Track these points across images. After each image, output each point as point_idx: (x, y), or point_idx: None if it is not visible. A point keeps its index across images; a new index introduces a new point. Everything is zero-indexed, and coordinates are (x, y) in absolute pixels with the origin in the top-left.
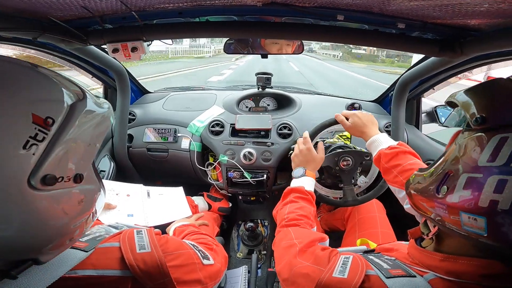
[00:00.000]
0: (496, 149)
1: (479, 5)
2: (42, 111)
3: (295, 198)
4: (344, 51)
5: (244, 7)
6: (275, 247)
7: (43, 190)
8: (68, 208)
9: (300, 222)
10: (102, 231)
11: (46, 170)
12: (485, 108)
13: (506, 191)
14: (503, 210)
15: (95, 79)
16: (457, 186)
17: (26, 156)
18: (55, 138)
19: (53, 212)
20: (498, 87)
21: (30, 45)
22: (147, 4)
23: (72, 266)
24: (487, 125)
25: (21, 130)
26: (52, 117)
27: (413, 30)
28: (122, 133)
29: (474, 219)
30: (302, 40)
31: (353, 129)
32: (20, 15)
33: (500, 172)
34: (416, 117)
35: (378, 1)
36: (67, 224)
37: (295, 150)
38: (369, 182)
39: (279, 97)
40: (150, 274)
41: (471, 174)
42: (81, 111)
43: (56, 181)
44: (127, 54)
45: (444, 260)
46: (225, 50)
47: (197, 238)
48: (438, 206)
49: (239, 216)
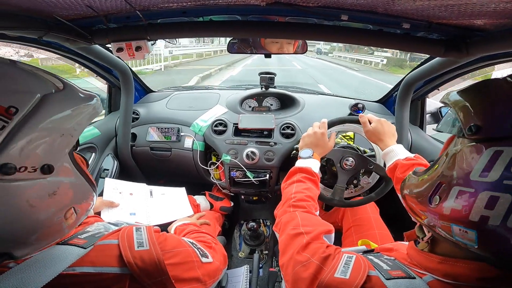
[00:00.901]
0: (489, 163)
1: (486, 5)
2: (6, 101)
3: (302, 178)
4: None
5: (248, 6)
6: (281, 230)
7: (1, 180)
8: (35, 201)
9: (308, 204)
10: (101, 228)
11: (5, 159)
12: (480, 116)
13: (498, 208)
14: (494, 225)
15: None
16: (448, 198)
17: None
18: (17, 127)
19: (16, 204)
20: (495, 90)
21: (35, 44)
22: (152, 3)
23: (70, 263)
24: (481, 136)
25: None
26: (15, 106)
27: (418, 30)
28: (126, 132)
29: (465, 232)
30: (306, 40)
31: (372, 134)
32: (25, 14)
33: (492, 189)
34: (420, 118)
35: (382, 1)
36: (38, 218)
37: (308, 130)
38: (372, 183)
39: (283, 97)
40: (148, 272)
41: (463, 187)
42: (55, 102)
43: (16, 170)
44: (131, 53)
45: (442, 263)
46: (228, 49)
47: (196, 236)
48: (430, 214)
49: (241, 215)
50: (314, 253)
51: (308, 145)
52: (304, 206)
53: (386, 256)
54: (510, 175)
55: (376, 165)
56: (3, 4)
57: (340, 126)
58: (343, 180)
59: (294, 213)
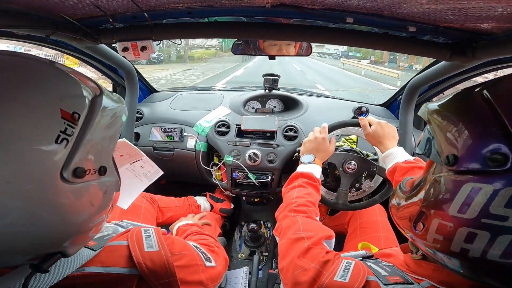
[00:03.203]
0: (467, 199)
1: (493, 9)
2: (69, 106)
3: (304, 183)
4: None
5: (253, 8)
6: (281, 235)
7: (74, 183)
8: (95, 200)
9: (309, 210)
10: (110, 230)
11: (76, 163)
12: (457, 146)
13: (476, 242)
14: (475, 257)
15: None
16: (430, 228)
17: (58, 150)
18: (81, 132)
19: (82, 204)
20: (473, 110)
21: (43, 43)
22: (158, 4)
23: (81, 264)
24: (459, 168)
25: (53, 125)
26: (78, 112)
27: (424, 34)
28: (129, 131)
29: (449, 258)
30: (310, 42)
31: (372, 137)
32: (34, 12)
33: (471, 225)
34: (424, 122)
35: (388, 4)
36: (93, 216)
37: (309, 136)
38: (374, 187)
39: (286, 99)
40: (157, 273)
41: (442, 221)
42: (100, 106)
43: (85, 173)
44: (137, 53)
45: (436, 270)
46: (233, 51)
47: (199, 238)
48: (416, 238)
49: (242, 217)
50: (314, 258)
51: (309, 150)
52: (305, 211)
53: (385, 262)
54: (488, 214)
55: (379, 167)
56: (13, 2)
57: (341, 130)
58: (346, 183)
59: (295, 218)
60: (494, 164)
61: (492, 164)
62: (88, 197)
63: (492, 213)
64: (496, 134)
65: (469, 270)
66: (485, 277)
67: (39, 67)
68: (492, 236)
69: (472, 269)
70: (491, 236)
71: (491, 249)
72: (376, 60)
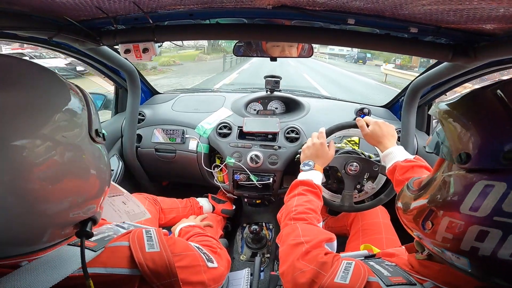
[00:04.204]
0: (479, 197)
1: (495, 10)
2: (74, 88)
3: (303, 191)
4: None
5: (254, 9)
6: (282, 242)
7: (97, 143)
8: (106, 160)
9: (308, 217)
10: (111, 231)
11: (94, 126)
12: (470, 144)
13: (488, 241)
14: (485, 256)
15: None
16: (439, 227)
17: (84, 115)
18: (87, 103)
19: (104, 163)
20: (485, 109)
21: (45, 45)
22: (159, 6)
23: (80, 265)
24: (471, 166)
25: (77, 99)
26: (80, 89)
27: (426, 35)
28: (132, 133)
29: (457, 257)
30: (312, 44)
31: (371, 137)
32: (37, 14)
33: (482, 224)
34: (427, 124)
35: (390, 5)
36: (109, 178)
37: (307, 142)
38: (376, 188)
39: (288, 101)
40: (159, 273)
41: (453, 219)
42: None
43: (98, 134)
44: (139, 55)
45: (441, 271)
46: (234, 52)
47: (201, 240)
48: (424, 237)
49: (244, 218)
50: (312, 260)
51: (308, 157)
52: (304, 218)
53: (388, 262)
54: (501, 211)
55: (382, 166)
56: (16, 4)
57: (341, 132)
58: (350, 185)
59: (295, 225)
60: (507, 162)
61: (506, 162)
62: (105, 157)
63: (506, 211)
64: (510, 132)
65: (478, 269)
66: (494, 276)
67: (38, 68)
68: (504, 234)
69: (481, 268)
70: (503, 234)
71: (502, 247)
72: (403, 64)
